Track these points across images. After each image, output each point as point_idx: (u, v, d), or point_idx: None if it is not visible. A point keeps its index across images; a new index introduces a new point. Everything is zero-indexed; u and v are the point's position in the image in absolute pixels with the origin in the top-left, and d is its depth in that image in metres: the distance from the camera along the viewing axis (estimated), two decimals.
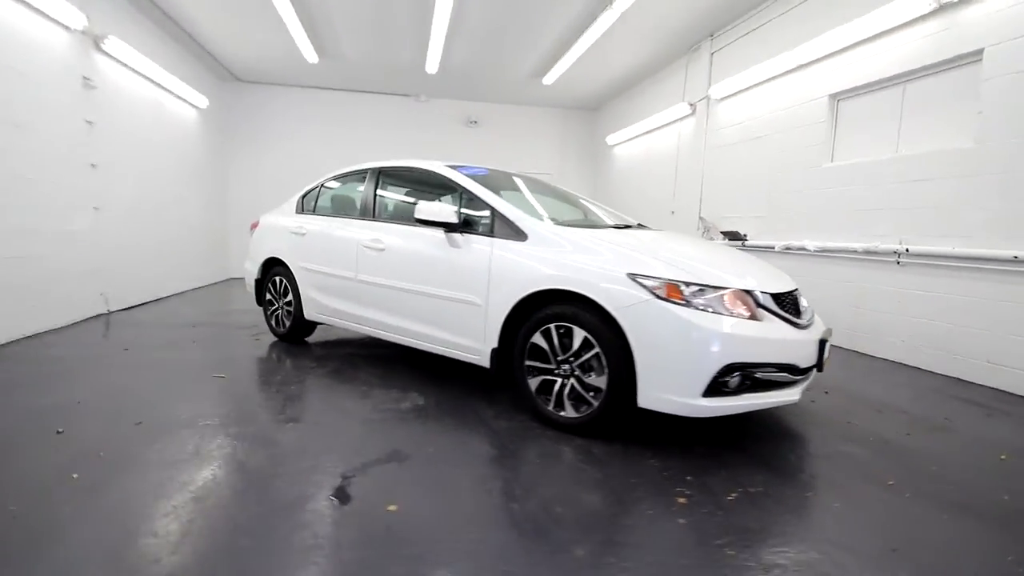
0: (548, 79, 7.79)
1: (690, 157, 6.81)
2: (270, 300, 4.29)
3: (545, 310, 2.50)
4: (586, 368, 2.38)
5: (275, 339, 4.30)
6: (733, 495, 1.94)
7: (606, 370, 2.30)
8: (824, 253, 4.65)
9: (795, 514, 1.85)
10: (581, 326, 2.37)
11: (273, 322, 4.28)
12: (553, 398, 2.51)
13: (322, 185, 4.13)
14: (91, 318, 4.92)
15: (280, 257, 4.09)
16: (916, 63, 3.89)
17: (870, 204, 4.27)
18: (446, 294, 2.92)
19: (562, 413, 2.48)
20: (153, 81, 6.03)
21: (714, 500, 1.90)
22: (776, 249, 5.17)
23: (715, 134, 6.30)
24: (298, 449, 2.23)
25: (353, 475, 2.00)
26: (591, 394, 2.37)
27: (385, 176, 3.64)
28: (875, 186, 4.23)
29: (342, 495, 1.86)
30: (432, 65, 7.27)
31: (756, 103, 5.60)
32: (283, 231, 4.13)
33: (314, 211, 4.10)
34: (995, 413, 2.98)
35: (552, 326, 2.47)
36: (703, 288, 2.20)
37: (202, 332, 4.55)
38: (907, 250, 3.93)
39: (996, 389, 3.35)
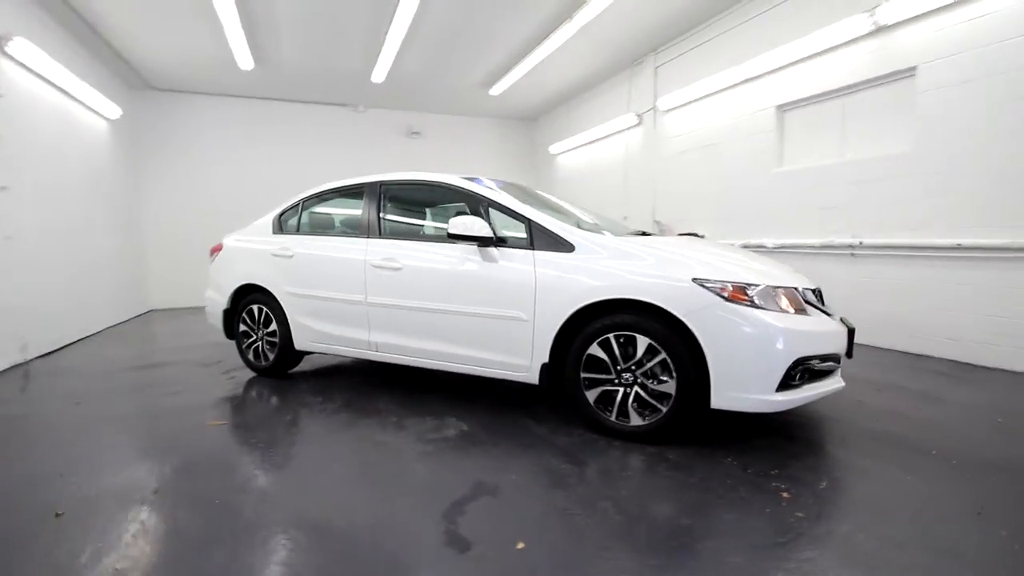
0: (496, 89, 7.82)
1: (640, 164, 7.15)
2: (245, 332, 3.85)
3: (602, 320, 2.48)
4: (650, 375, 2.40)
5: (253, 375, 3.85)
6: (823, 483, 2.05)
7: (674, 375, 2.33)
8: (783, 249, 5.09)
9: (885, 491, 1.97)
10: (644, 333, 2.38)
11: (251, 356, 3.84)
12: (616, 408, 2.50)
13: (303, 202, 3.79)
14: (6, 369, 4.10)
15: (259, 283, 3.69)
16: (857, 77, 4.40)
17: (822, 203, 4.75)
18: (484, 311, 2.79)
19: (627, 422, 2.48)
20: (62, 89, 5.19)
21: (811, 490, 1.99)
22: (736, 247, 5.56)
23: (665, 143, 6.68)
24: (370, 498, 2.01)
25: (455, 517, 1.84)
26: (659, 401, 2.39)
27: (390, 190, 3.42)
28: (825, 187, 4.72)
29: (459, 542, 1.69)
30: (380, 74, 7.00)
31: (705, 113, 6.02)
32: (260, 254, 3.73)
33: (298, 231, 3.75)
34: (963, 381, 3.43)
35: (611, 336, 2.46)
36: (763, 288, 2.31)
37: (159, 375, 3.97)
38: (861, 243, 4.42)
39: (953, 360, 3.86)
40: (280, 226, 3.82)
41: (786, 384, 2.24)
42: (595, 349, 2.50)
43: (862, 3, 4.19)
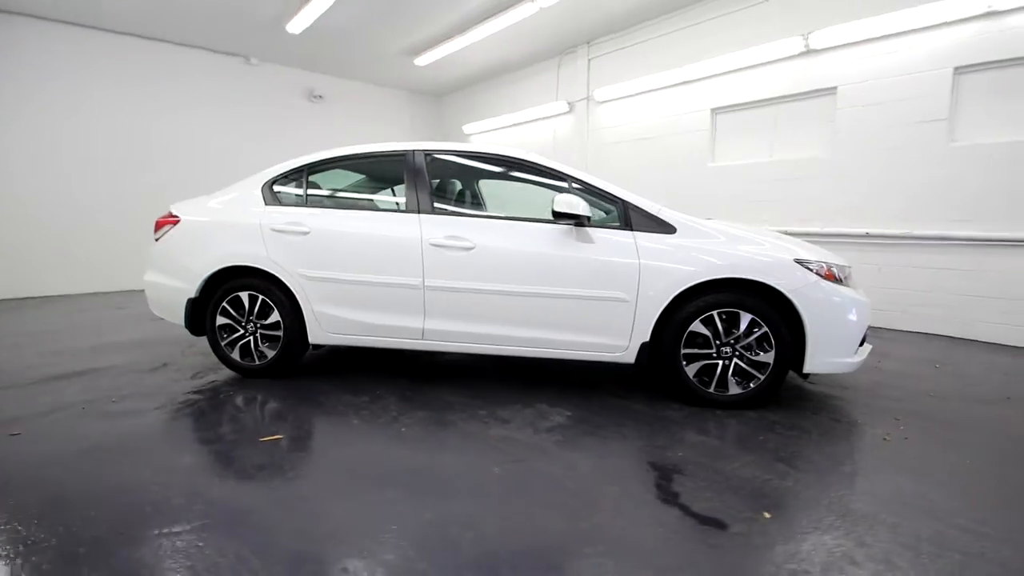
0: (423, 60, 7.33)
1: (569, 151, 7.42)
2: (226, 325, 3.09)
3: (703, 298, 2.62)
4: (748, 347, 2.63)
5: (235, 376, 3.13)
6: (901, 426, 2.52)
7: (773, 346, 2.60)
8: None
9: (953, 429, 2.52)
10: (746, 309, 2.59)
11: (237, 354, 3.10)
12: (715, 380, 2.68)
13: (307, 168, 3.16)
14: None
15: (255, 265, 2.99)
16: (787, 90, 5.23)
17: (754, 197, 5.56)
18: (581, 293, 2.71)
19: (725, 392, 2.68)
20: None
21: (898, 432, 2.43)
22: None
23: (599, 132, 7.05)
24: (575, 506, 1.86)
25: (678, 500, 1.82)
26: (757, 370, 2.64)
27: (438, 162, 3.05)
28: (756, 183, 5.53)
29: (712, 522, 1.70)
30: (300, 23, 6.03)
31: (642, 109, 6.52)
32: (251, 230, 3.02)
33: (306, 203, 3.13)
34: (882, 339, 4.41)
35: (715, 313, 2.62)
36: (842, 268, 2.69)
37: (98, 385, 2.96)
38: (785, 231, 5.30)
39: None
40: (275, 197, 3.13)
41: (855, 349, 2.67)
42: (697, 326, 2.64)
43: (797, 28, 4.99)
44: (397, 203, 3.05)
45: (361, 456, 2.13)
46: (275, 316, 3.02)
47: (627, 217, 2.75)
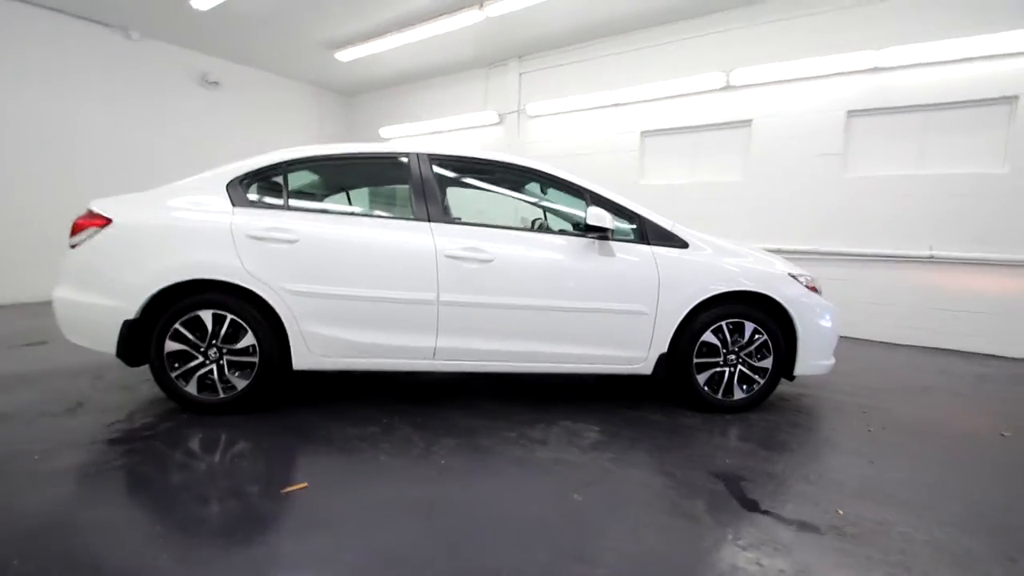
0: (346, 56, 6.80)
1: None
2: (179, 352, 2.52)
3: (714, 310, 2.77)
4: (750, 355, 2.83)
5: (184, 413, 2.56)
6: (864, 409, 2.89)
7: (771, 352, 2.83)
8: None
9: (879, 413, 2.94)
10: (750, 319, 2.80)
11: (194, 386, 2.54)
12: (723, 387, 2.83)
13: (287, 166, 2.72)
14: None
15: (228, 279, 2.48)
16: (709, 120, 5.80)
17: (678, 214, 6.00)
18: (603, 306, 2.69)
19: (731, 397, 2.85)
20: None
21: (873, 423, 2.79)
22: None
23: (530, 146, 7.15)
24: (669, 523, 1.83)
25: (740, 491, 1.88)
26: (757, 375, 2.85)
27: (445, 166, 2.81)
28: (681, 201, 6.04)
29: (810, 528, 1.78)
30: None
31: (575, 126, 6.76)
32: (219, 235, 2.51)
33: (286, 205, 2.68)
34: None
35: (724, 323, 2.79)
36: (819, 281, 3.03)
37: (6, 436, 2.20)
38: None
39: None
40: (245, 197, 2.64)
41: None
42: (709, 336, 2.78)
43: (721, 64, 5.57)
44: (402, 209, 2.76)
45: (424, 500, 1.86)
46: (248, 339, 2.53)
47: (643, 231, 2.80)
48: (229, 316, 2.51)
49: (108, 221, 2.52)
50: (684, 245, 2.81)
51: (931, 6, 4.60)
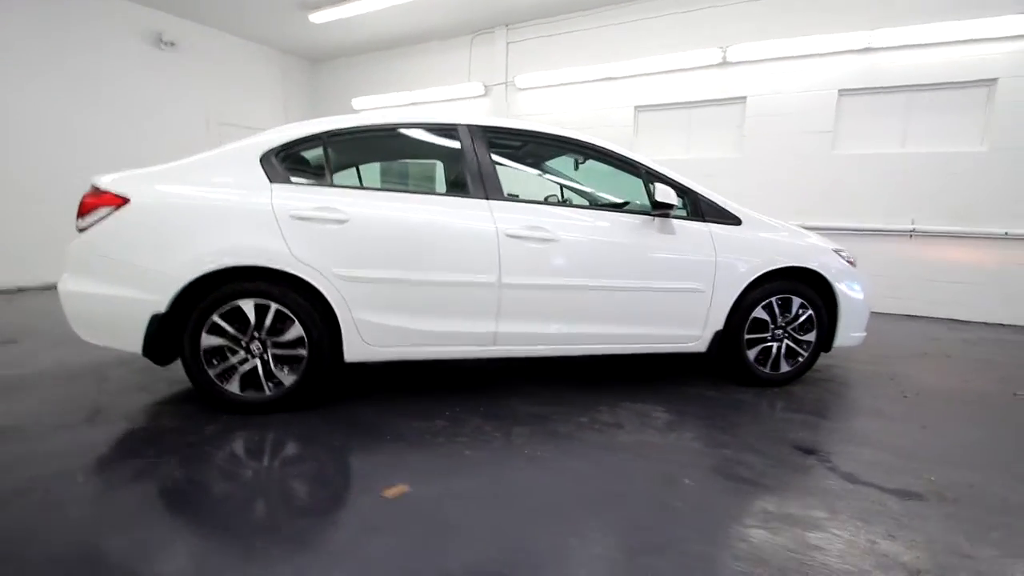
0: (320, 17, 6.26)
1: None
2: (218, 348, 2.26)
3: (764, 286, 2.81)
4: (796, 329, 2.90)
5: (221, 415, 2.31)
6: (893, 373, 3.05)
7: (815, 326, 2.91)
8: None
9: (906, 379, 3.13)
10: (798, 295, 2.85)
11: (236, 385, 2.29)
12: (770, 361, 2.89)
13: (328, 137, 2.45)
14: None
15: (274, 265, 2.23)
16: (704, 96, 5.82)
17: None
18: (663, 285, 2.66)
19: (778, 371, 2.91)
20: None
21: (886, 375, 2.95)
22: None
23: (521, 119, 6.93)
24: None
25: (830, 464, 1.94)
26: (801, 348, 2.93)
27: (499, 140, 2.64)
28: None
29: (907, 494, 1.85)
30: None
31: (566, 100, 6.61)
32: (262, 216, 2.24)
33: (331, 181, 2.42)
34: None
35: (774, 299, 2.83)
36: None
37: (24, 455, 1.90)
38: None
39: None
40: (282, 172, 2.37)
41: None
42: (759, 312, 2.82)
43: (717, 40, 5.58)
44: (457, 186, 2.57)
45: (539, 494, 1.78)
46: (296, 330, 2.30)
47: (699, 208, 2.77)
48: (273, 306, 2.27)
49: (124, 200, 2.19)
50: (738, 222, 2.81)
51: None
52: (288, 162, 2.41)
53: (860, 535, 1.58)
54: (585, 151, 2.83)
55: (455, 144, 2.58)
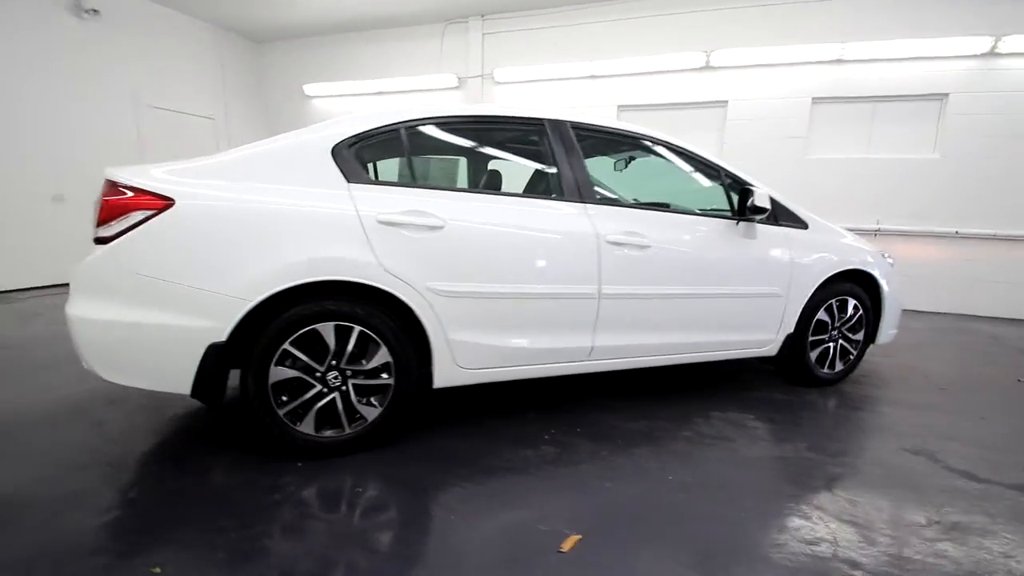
0: None
1: None
2: (290, 381, 1.85)
3: (831, 288, 2.85)
4: (849, 329, 2.99)
5: (283, 462, 1.91)
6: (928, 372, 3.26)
7: (864, 326, 3.02)
8: None
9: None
10: (852, 296, 2.94)
11: (311, 424, 1.89)
12: (827, 361, 2.95)
13: (407, 129, 2.10)
14: None
15: (360, 280, 1.86)
16: (687, 98, 5.94)
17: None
18: (747, 291, 2.60)
19: (833, 371, 2.98)
20: None
21: (923, 366, 3.15)
22: None
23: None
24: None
25: (937, 461, 1.99)
26: (852, 346, 3.02)
27: (586, 138, 2.41)
28: None
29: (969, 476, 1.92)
30: None
31: (547, 96, 6.46)
32: (345, 221, 1.87)
33: (413, 180, 2.07)
34: None
35: (833, 301, 2.88)
36: None
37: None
38: None
39: None
40: (358, 168, 1.98)
41: None
42: (822, 314, 2.87)
43: (700, 44, 5.70)
44: (545, 187, 2.33)
45: (734, 534, 1.62)
46: (382, 355, 1.95)
47: (773, 212, 2.75)
48: (356, 328, 1.91)
49: (168, 202, 1.71)
50: (805, 225, 2.83)
51: (888, 7, 5.18)
52: (362, 157, 2.04)
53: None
54: (670, 151, 2.70)
55: (541, 140, 2.34)
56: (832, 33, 5.31)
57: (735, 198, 2.62)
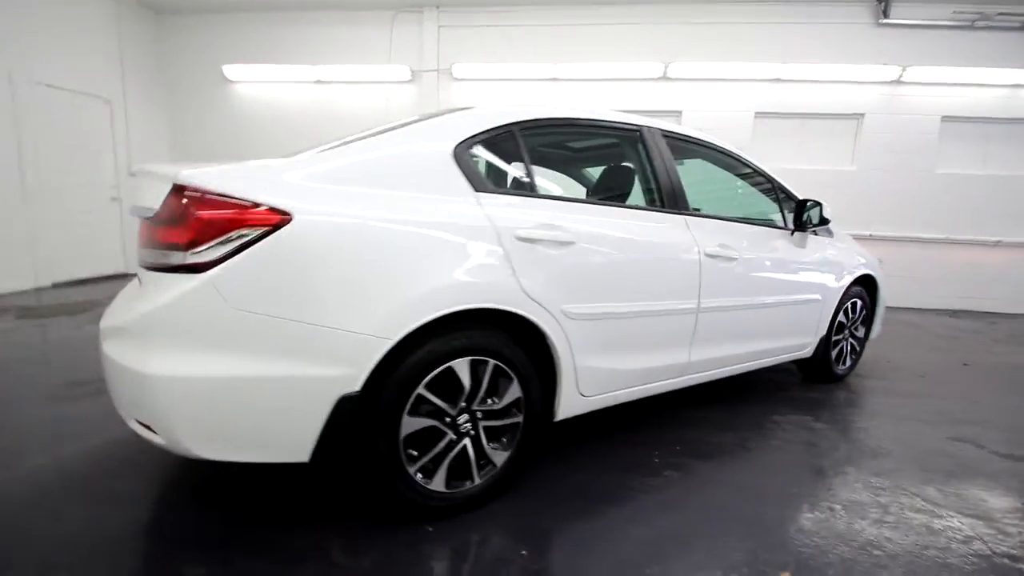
0: None
1: None
2: (424, 432, 1.54)
3: (847, 291, 3.09)
4: (856, 327, 3.28)
5: (425, 523, 1.61)
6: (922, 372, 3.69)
7: (865, 325, 3.33)
8: None
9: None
10: (860, 298, 3.23)
11: (441, 480, 1.58)
12: (842, 358, 3.21)
13: (520, 131, 1.84)
14: None
15: (502, 306, 1.60)
16: (644, 107, 6.14)
17: None
18: (801, 298, 2.74)
19: (845, 366, 3.25)
20: None
21: (922, 370, 3.59)
22: None
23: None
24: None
25: (979, 447, 2.28)
26: (858, 343, 3.32)
27: (679, 148, 2.35)
28: None
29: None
30: None
31: (507, 96, 6.28)
32: (484, 237, 1.60)
33: (532, 190, 1.82)
34: None
35: (849, 303, 3.14)
36: None
37: None
38: None
39: None
40: (480, 174, 1.70)
41: None
42: (840, 316, 3.11)
43: (658, 55, 5.93)
44: (646, 196, 2.19)
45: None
46: (513, 390, 1.71)
47: (800, 219, 2.90)
48: (491, 362, 1.64)
49: (284, 217, 1.32)
50: (831, 233, 3.04)
51: (819, 35, 5.81)
52: (480, 161, 1.76)
53: None
54: (743, 167, 2.74)
55: (640, 147, 2.22)
56: (773, 55, 5.84)
57: (787, 209, 2.74)
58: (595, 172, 2.38)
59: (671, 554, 1.54)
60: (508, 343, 1.68)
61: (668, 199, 2.20)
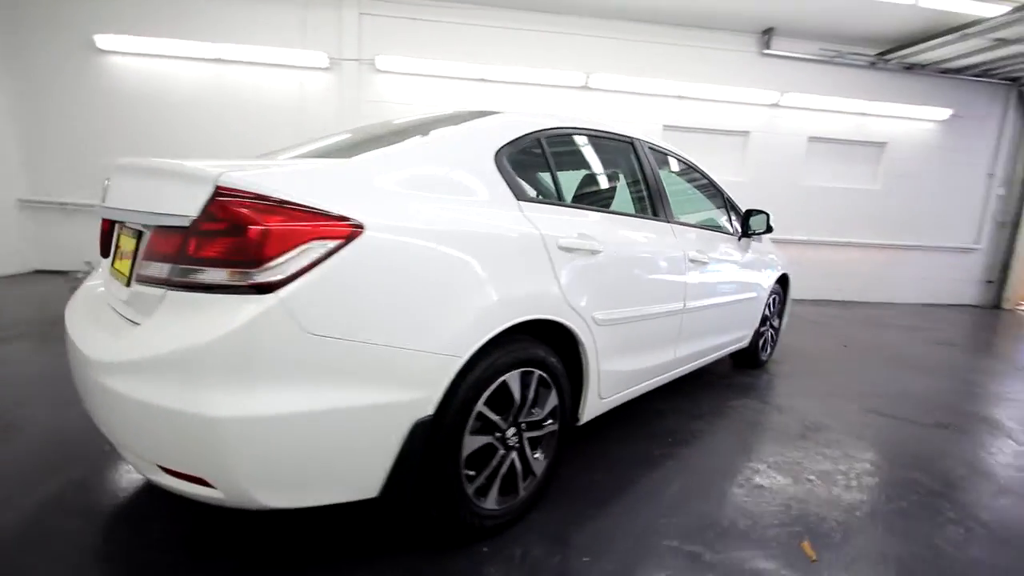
0: None
1: (329, 117, 5.94)
2: (483, 450, 1.49)
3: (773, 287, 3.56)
4: (774, 318, 3.78)
5: (475, 545, 1.57)
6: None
7: (779, 316, 3.85)
8: None
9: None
10: (777, 295, 3.72)
11: (494, 497, 1.55)
12: (764, 347, 3.67)
13: (547, 140, 1.84)
14: None
15: (551, 317, 1.61)
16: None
17: None
18: (748, 295, 3.10)
19: (768, 353, 3.73)
20: None
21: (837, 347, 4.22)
22: None
23: (375, 105, 6.02)
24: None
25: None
26: (776, 333, 3.82)
27: (656, 158, 2.46)
28: None
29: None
30: None
31: (434, 93, 6.13)
32: (534, 247, 1.60)
33: (558, 198, 1.83)
34: None
35: (773, 297, 3.61)
36: None
37: None
38: None
39: None
40: (519, 181, 1.68)
41: None
42: (764, 310, 3.56)
43: (582, 66, 6.20)
44: (635, 204, 2.30)
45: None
46: (552, 399, 1.73)
47: (747, 226, 3.27)
48: (536, 373, 1.65)
49: (356, 229, 1.20)
50: (760, 239, 3.46)
51: (716, 61, 6.50)
52: (516, 169, 1.73)
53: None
54: (688, 172, 2.96)
55: (633, 158, 2.34)
56: (678, 74, 6.43)
57: (735, 217, 3.08)
58: (600, 181, 2.47)
59: (709, 522, 1.68)
60: (549, 352, 1.69)
61: (659, 208, 2.36)
